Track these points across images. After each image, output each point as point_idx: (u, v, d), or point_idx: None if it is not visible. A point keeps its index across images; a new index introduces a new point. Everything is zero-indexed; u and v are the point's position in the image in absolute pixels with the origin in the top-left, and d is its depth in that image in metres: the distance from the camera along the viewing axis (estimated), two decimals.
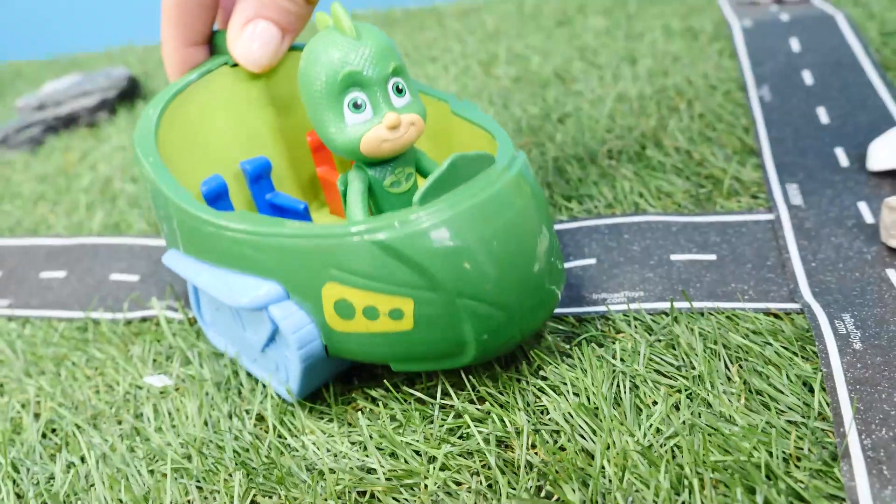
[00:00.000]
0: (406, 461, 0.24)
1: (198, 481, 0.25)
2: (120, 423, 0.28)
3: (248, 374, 0.29)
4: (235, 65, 0.30)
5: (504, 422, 0.24)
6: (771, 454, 0.21)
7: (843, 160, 0.36)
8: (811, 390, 0.23)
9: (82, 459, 0.27)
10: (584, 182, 0.38)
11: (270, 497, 0.24)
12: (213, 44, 0.31)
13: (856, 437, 0.21)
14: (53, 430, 0.29)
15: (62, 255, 0.41)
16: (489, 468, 0.23)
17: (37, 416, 0.30)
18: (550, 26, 0.62)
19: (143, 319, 0.34)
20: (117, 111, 0.61)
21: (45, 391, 0.31)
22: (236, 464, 0.25)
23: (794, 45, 0.49)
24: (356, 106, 0.24)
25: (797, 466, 0.21)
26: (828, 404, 0.22)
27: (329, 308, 0.24)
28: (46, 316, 0.36)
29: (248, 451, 0.26)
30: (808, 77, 0.44)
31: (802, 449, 0.21)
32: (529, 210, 0.24)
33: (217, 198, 0.29)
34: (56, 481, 0.26)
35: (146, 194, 0.46)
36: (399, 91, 0.24)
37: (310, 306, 0.24)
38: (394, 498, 0.23)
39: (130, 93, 0.63)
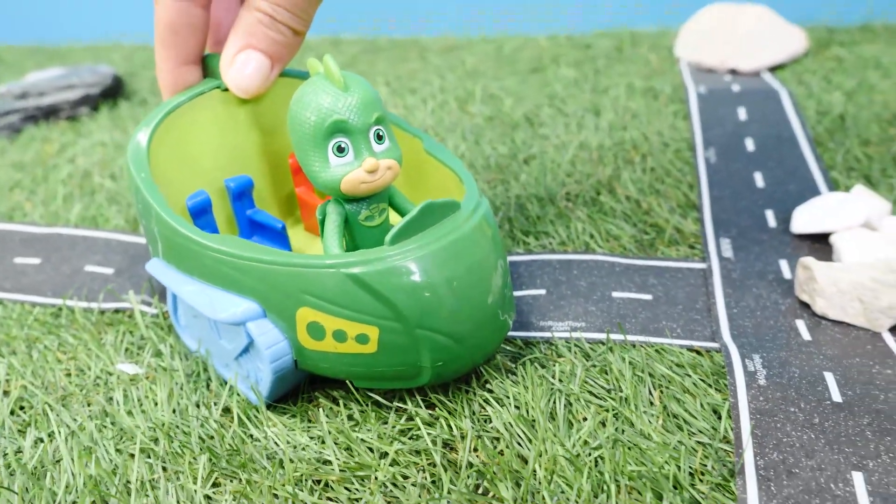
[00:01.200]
0: (360, 455, 0.26)
1: (164, 462, 0.27)
2: (90, 404, 0.30)
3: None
4: (226, 89, 0.32)
5: (451, 426, 0.27)
6: (679, 468, 0.24)
7: (772, 221, 0.40)
8: (719, 417, 0.27)
9: (51, 436, 0.28)
10: (541, 220, 0.41)
11: (232, 480, 0.26)
12: (206, 66, 0.32)
13: (751, 458, 0.24)
14: (22, 408, 0.30)
15: (37, 242, 0.43)
16: (434, 466, 0.25)
17: (6, 393, 0.31)
18: (525, 71, 0.66)
19: (117, 311, 0.36)
20: (100, 108, 0.63)
21: (16, 370, 0.32)
22: (201, 448, 0.27)
23: (742, 114, 0.54)
24: (340, 149, 0.27)
25: (700, 480, 0.24)
26: (731, 429, 0.26)
27: (302, 329, 0.26)
28: (20, 300, 0.37)
29: (213, 438, 0.28)
30: (750, 144, 0.49)
31: (707, 465, 0.25)
32: (488, 252, 0.27)
33: (201, 212, 0.31)
34: (25, 454, 0.28)
35: (128, 195, 0.48)
36: (379, 138, 0.27)
37: (284, 325, 0.27)
38: (346, 487, 0.25)
39: (114, 91, 0.65)
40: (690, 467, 0.25)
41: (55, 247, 0.42)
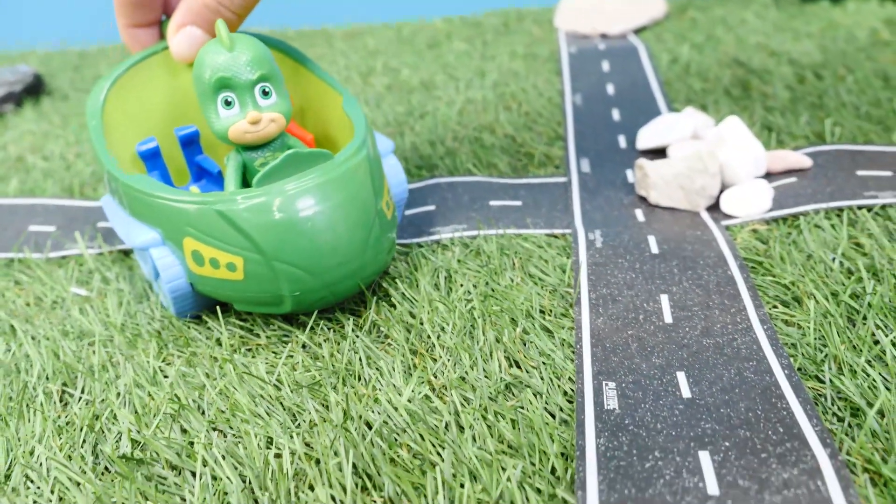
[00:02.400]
0: (283, 327, 0.32)
1: (120, 350, 0.32)
2: (50, 320, 0.35)
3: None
4: None
5: (355, 301, 0.33)
6: (532, 306, 0.31)
7: (623, 144, 0.48)
8: (565, 272, 0.34)
9: (20, 345, 0.33)
10: (433, 156, 0.48)
11: (178, 357, 0.31)
12: (161, 29, 0.37)
13: (586, 293, 0.32)
14: None
15: None
16: (343, 327, 0.32)
17: None
18: (422, 48, 0.74)
19: (64, 257, 0.41)
20: (23, 104, 0.66)
21: None
22: (150, 338, 0.33)
23: (605, 66, 0.62)
24: (227, 103, 0.31)
25: (549, 313, 0.31)
26: (574, 278, 0.33)
27: (188, 256, 0.31)
28: None
29: (160, 332, 0.33)
30: (610, 89, 0.57)
31: (553, 303, 0.32)
32: (354, 199, 0.30)
33: (151, 156, 0.35)
34: None
35: (62, 164, 0.53)
36: (266, 93, 0.31)
37: (178, 253, 0.31)
38: (273, 351, 0.31)
39: (36, 89, 0.68)
40: (541, 305, 0.32)
41: None
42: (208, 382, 0.29)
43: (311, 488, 0.24)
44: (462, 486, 0.24)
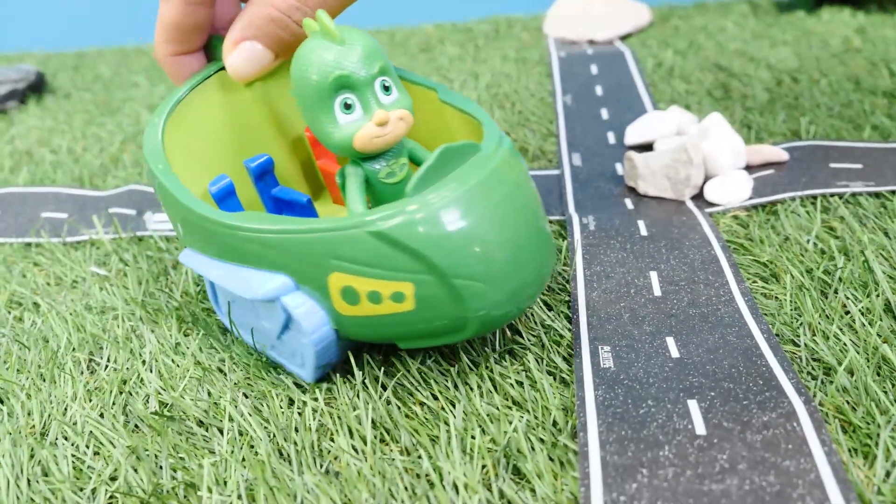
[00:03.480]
0: None
1: (142, 322, 0.34)
2: (73, 298, 0.37)
3: (175, 267, 0.38)
4: None
5: None
6: None
7: (612, 139, 0.51)
8: (562, 253, 0.36)
9: (45, 320, 0.35)
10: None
11: (198, 333, 0.33)
12: (211, 48, 0.32)
13: (581, 270, 0.34)
14: (12, 304, 0.37)
15: None
16: None
17: None
18: (415, 52, 0.76)
19: (80, 242, 0.42)
20: (27, 101, 0.68)
21: (2, 279, 0.38)
22: (170, 313, 0.34)
23: (594, 69, 0.65)
24: (347, 106, 0.26)
25: (548, 289, 0.34)
26: (570, 257, 0.36)
27: (336, 295, 0.25)
28: None
29: (179, 308, 0.35)
30: (599, 90, 0.60)
31: (551, 281, 0.34)
32: (517, 192, 0.26)
33: (225, 196, 0.30)
34: (24, 329, 0.34)
35: (70, 157, 0.54)
36: (386, 89, 0.26)
37: (318, 295, 0.26)
38: None
39: (38, 86, 0.70)
40: None
41: (8, 203, 0.48)
42: (226, 354, 0.31)
43: (333, 440, 0.26)
44: (473, 437, 0.26)
